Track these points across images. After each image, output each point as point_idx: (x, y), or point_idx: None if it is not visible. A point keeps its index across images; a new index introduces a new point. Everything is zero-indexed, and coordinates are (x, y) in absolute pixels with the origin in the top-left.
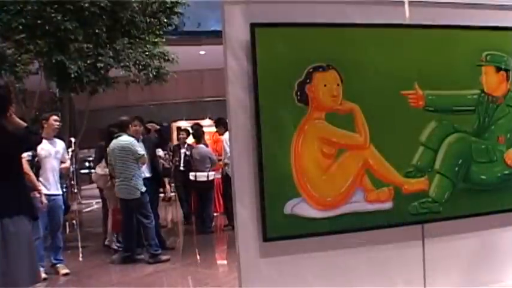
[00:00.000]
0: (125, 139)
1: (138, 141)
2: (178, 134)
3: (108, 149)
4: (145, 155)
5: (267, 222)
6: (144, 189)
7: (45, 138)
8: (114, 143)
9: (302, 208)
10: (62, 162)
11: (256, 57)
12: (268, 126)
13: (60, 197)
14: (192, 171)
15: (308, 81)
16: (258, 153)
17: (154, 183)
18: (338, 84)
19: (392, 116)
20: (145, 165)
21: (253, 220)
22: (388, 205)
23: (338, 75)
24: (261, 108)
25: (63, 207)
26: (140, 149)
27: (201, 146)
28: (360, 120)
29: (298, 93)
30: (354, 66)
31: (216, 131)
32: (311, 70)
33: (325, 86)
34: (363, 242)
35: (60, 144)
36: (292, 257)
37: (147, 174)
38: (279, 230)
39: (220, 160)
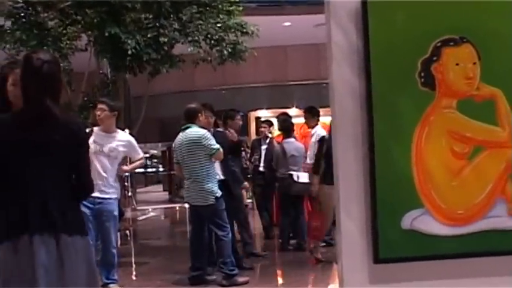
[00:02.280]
0: (195, 131)
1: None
2: (258, 126)
3: (174, 144)
4: (221, 149)
5: (379, 238)
6: (219, 193)
7: (102, 130)
8: (182, 136)
9: (425, 222)
10: (130, 161)
11: (368, 30)
12: (383, 117)
13: (111, 201)
14: (274, 171)
15: (435, 58)
16: (369, 150)
17: (227, 187)
18: (474, 63)
19: None
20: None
21: (361, 235)
22: None
23: (475, 51)
24: (374, 94)
25: (115, 214)
26: (214, 143)
27: (293, 140)
28: (503, 109)
29: (422, 75)
30: (496, 39)
31: (305, 123)
32: (439, 44)
33: (457, 65)
34: (505, 269)
35: (119, 140)
36: (410, 283)
37: (222, 176)
38: (395, 249)
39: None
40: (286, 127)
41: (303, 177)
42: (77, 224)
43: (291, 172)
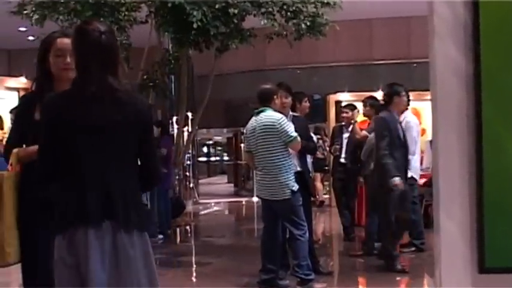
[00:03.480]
0: (270, 115)
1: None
2: (339, 111)
3: (245, 130)
4: (299, 138)
5: (486, 244)
6: (296, 187)
7: None
8: (255, 121)
9: None
10: None
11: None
12: (494, 100)
13: None
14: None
15: None
16: (476, 140)
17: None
18: None
19: None
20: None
21: (464, 240)
22: None
23: None
24: (483, 73)
25: None
26: (292, 130)
27: None
28: None
29: None
30: None
31: None
32: None
33: None
34: None
35: None
36: None
37: (298, 168)
38: (504, 257)
39: None
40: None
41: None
42: (139, 218)
43: None
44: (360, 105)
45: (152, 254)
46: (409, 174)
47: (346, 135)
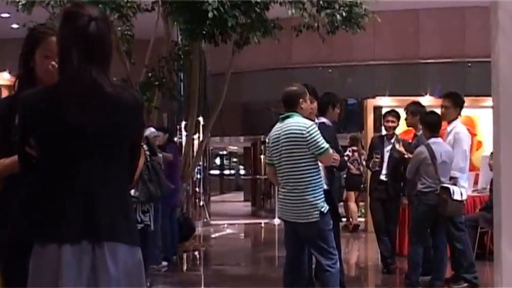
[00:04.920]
0: (297, 122)
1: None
2: (377, 119)
3: (267, 139)
4: (331, 150)
5: None
6: (326, 208)
7: None
8: (280, 128)
9: None
10: None
11: None
12: None
13: None
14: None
15: None
16: None
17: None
18: None
19: None
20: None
21: None
22: None
23: None
24: None
25: None
26: (322, 140)
27: (441, 141)
28: None
29: None
30: None
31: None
32: None
33: None
34: None
35: None
36: None
37: (325, 186)
38: None
39: None
40: (434, 122)
41: (458, 193)
42: (127, 230)
43: (446, 185)
44: (403, 113)
45: (143, 274)
46: (457, 196)
47: (388, 147)
